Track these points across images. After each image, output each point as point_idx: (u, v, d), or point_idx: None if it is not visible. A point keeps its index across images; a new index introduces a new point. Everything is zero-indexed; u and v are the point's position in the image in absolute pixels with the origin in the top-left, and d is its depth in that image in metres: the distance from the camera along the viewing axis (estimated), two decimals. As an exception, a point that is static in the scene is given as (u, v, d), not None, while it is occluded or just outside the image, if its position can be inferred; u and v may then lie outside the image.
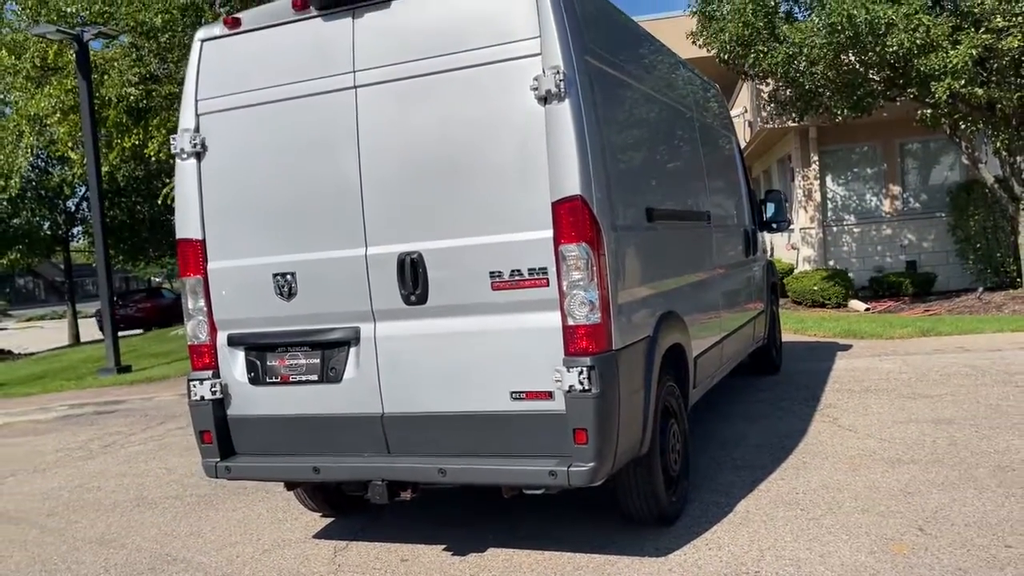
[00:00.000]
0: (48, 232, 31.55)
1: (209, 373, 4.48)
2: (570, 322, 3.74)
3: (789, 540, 4.28)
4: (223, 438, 4.48)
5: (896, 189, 16.27)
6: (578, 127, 3.70)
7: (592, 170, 3.73)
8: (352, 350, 4.20)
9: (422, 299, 4.01)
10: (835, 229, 16.47)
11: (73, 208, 32.85)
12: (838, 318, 12.70)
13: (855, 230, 16.36)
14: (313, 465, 4.23)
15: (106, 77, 17.85)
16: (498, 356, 3.90)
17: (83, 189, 32.10)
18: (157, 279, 58.90)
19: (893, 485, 4.95)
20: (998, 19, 10.56)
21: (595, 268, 3.71)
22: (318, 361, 4.27)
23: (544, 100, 3.71)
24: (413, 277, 4.01)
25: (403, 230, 4.04)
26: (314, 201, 4.23)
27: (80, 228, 34.50)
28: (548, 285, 3.77)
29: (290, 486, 4.88)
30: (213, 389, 4.44)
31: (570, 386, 3.70)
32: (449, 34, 3.94)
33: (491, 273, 3.87)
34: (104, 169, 18.11)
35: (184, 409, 9.92)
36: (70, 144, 19.98)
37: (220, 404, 4.47)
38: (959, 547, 4.01)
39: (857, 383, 8.04)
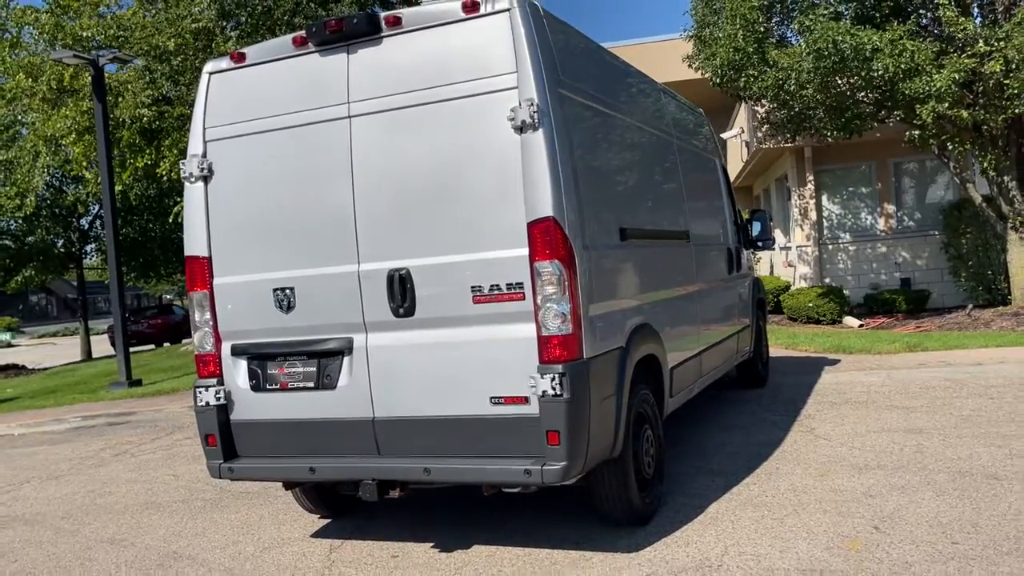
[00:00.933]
0: (62, 250, 32.12)
1: (214, 381, 4.83)
2: (544, 332, 4.08)
3: (753, 538, 4.58)
4: (226, 441, 4.83)
5: (890, 208, 16.57)
6: (551, 154, 4.06)
7: (564, 193, 4.08)
8: (346, 359, 4.54)
9: (410, 312, 4.36)
10: (831, 247, 16.76)
11: (87, 226, 33.44)
12: (830, 334, 12.98)
13: (850, 248, 16.65)
14: (309, 466, 4.56)
15: (120, 99, 18.37)
16: (479, 364, 4.24)
17: (96, 207, 32.69)
18: (168, 296, 59.54)
19: (856, 489, 5.25)
20: (980, 44, 10.90)
21: (567, 283, 4.05)
22: (314, 369, 4.62)
23: (520, 130, 4.07)
24: (401, 291, 4.36)
25: (392, 248, 4.39)
26: (311, 221, 4.59)
27: (93, 246, 35.08)
28: (524, 299, 4.11)
29: (288, 486, 5.21)
30: (218, 395, 4.79)
31: (543, 391, 4.03)
32: (435, 68, 4.31)
33: (472, 288, 4.22)
34: (117, 188, 18.59)
35: (192, 420, 10.30)
36: (85, 164, 20.52)
37: (224, 409, 4.82)
38: (909, 543, 4.30)
39: (839, 395, 8.33)
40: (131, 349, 16.26)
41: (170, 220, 20.93)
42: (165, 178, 19.44)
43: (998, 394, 7.80)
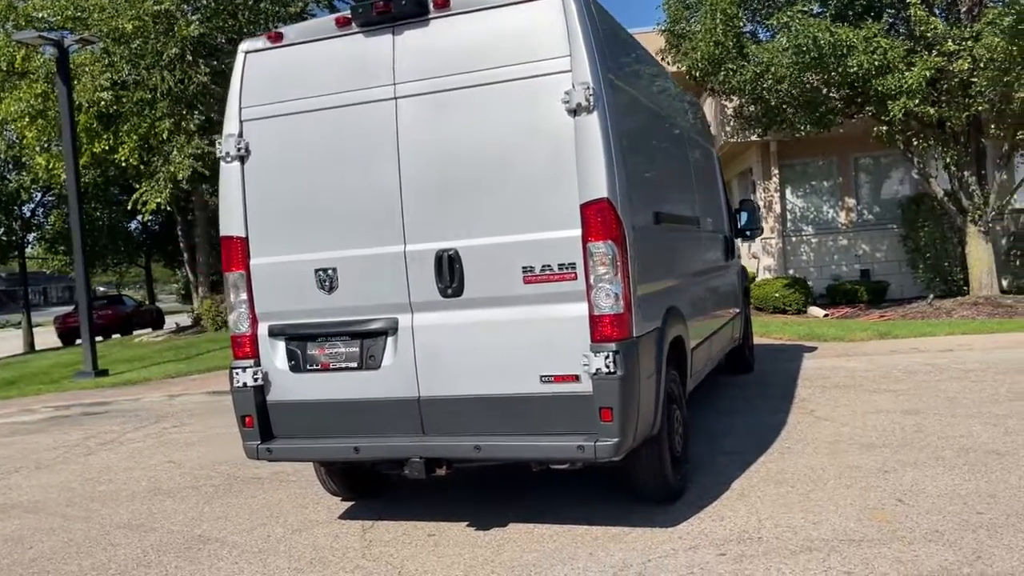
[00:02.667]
0: (3, 238, 31.10)
1: (251, 362, 4.81)
2: (596, 312, 4.17)
3: (783, 511, 4.75)
4: (263, 423, 4.81)
5: (851, 202, 17.08)
6: (604, 137, 4.15)
7: (616, 176, 4.18)
8: (390, 339, 4.57)
9: (458, 292, 4.41)
10: (794, 239, 17.21)
11: (28, 214, 32.42)
12: (800, 323, 13.36)
13: (813, 240, 17.13)
14: (353, 445, 4.58)
15: (77, 83, 17.86)
16: (529, 343, 4.31)
17: (39, 195, 31.70)
18: (101, 288, 57.45)
19: (870, 465, 5.47)
20: (949, 43, 11.32)
21: (619, 263, 4.14)
22: (357, 350, 4.63)
23: (574, 112, 4.14)
24: (450, 272, 4.40)
25: (440, 229, 4.43)
26: (355, 202, 4.60)
27: (35, 235, 34.04)
28: (576, 279, 4.20)
29: (325, 467, 5.24)
30: (255, 376, 4.77)
31: (597, 369, 4.13)
32: (483, 50, 4.35)
33: (523, 268, 4.29)
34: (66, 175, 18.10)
35: (175, 410, 10.18)
36: (37, 148, 19.91)
37: (260, 391, 4.80)
38: (935, 514, 4.52)
39: (826, 380, 8.62)
40: (77, 340, 15.86)
41: (129, 207, 20.41)
42: (124, 164, 18.99)
43: (977, 377, 8.16)
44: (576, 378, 4.23)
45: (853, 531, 4.37)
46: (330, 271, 4.64)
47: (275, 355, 4.80)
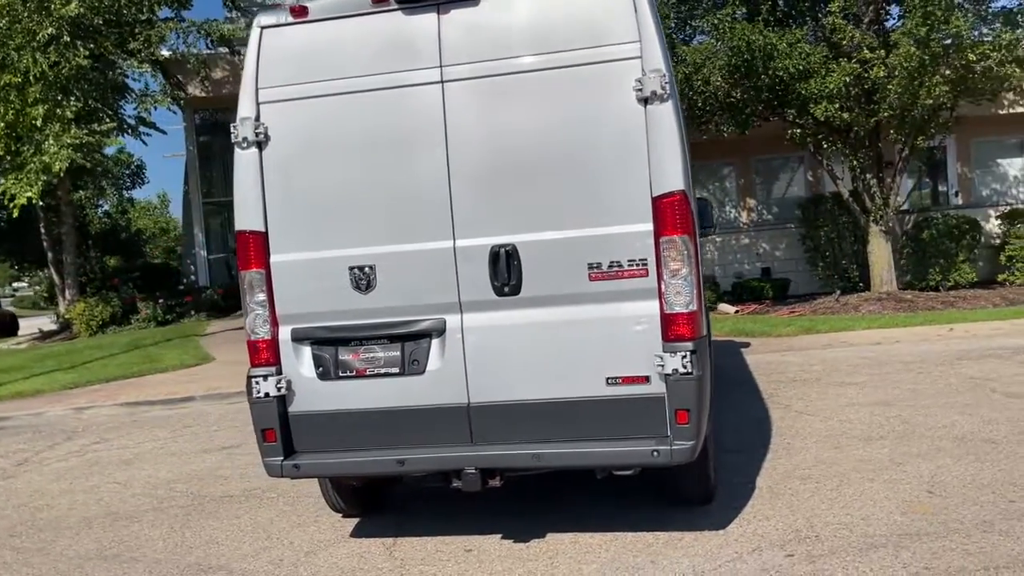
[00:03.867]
0: None
1: (272, 369, 4.34)
2: (669, 310, 3.99)
3: (823, 508, 4.73)
4: (286, 436, 4.36)
5: (752, 202, 17.72)
6: (678, 126, 3.98)
7: (687, 168, 4.02)
8: (435, 341, 4.24)
9: (515, 290, 4.12)
10: (700, 238, 17.63)
11: None
12: (720, 319, 13.68)
13: (717, 239, 17.65)
14: (397, 458, 4.21)
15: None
16: (594, 344, 4.08)
17: None
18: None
19: (879, 458, 5.56)
20: (865, 51, 11.88)
21: (692, 259, 3.99)
22: (398, 354, 4.27)
23: (646, 101, 3.95)
24: (507, 269, 4.11)
25: (495, 223, 4.13)
26: (395, 193, 4.23)
27: None
28: (647, 275, 4.01)
29: (332, 482, 4.84)
30: (279, 385, 4.31)
31: (673, 369, 3.95)
32: (541, 34, 4.09)
33: (589, 264, 4.05)
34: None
35: (87, 424, 9.27)
36: None
37: (283, 401, 4.35)
38: (971, 504, 4.61)
39: (780, 375, 8.81)
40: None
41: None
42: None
43: (922, 369, 8.54)
44: (646, 379, 4.04)
45: (906, 525, 4.40)
46: (367, 269, 4.25)
47: (300, 361, 4.36)
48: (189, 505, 5.89)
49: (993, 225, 16.82)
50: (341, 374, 4.31)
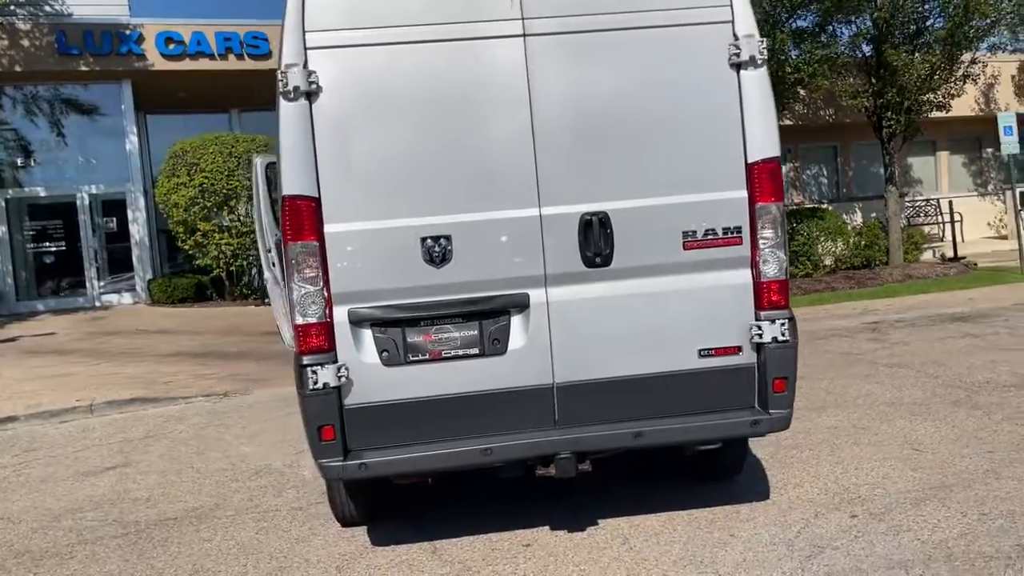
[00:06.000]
0: None
1: (328, 356, 3.75)
2: (763, 278, 3.96)
3: (840, 472, 4.96)
4: (343, 432, 3.79)
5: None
6: (772, 92, 3.97)
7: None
8: (515, 318, 3.89)
9: (607, 261, 3.89)
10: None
11: None
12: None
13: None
14: (482, 447, 3.80)
15: None
16: (687, 315, 3.95)
17: None
18: None
19: (844, 425, 5.94)
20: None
21: (783, 227, 3.99)
22: (476, 333, 3.86)
23: (741, 67, 3.90)
24: (599, 238, 3.86)
25: (585, 189, 3.87)
26: (471, 156, 3.83)
27: None
28: (742, 243, 3.95)
29: (348, 487, 4.31)
30: (339, 374, 3.73)
31: (773, 337, 3.93)
32: None
33: (684, 233, 3.92)
34: None
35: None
36: None
37: (339, 392, 3.78)
38: (961, 458, 5.06)
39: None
40: None
41: None
42: None
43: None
44: (738, 350, 3.98)
45: (928, 480, 4.72)
46: (442, 240, 3.80)
47: (359, 346, 3.80)
48: (125, 534, 4.92)
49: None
50: (412, 358, 3.82)
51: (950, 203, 19.31)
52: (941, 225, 20.12)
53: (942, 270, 15.69)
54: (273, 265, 8.30)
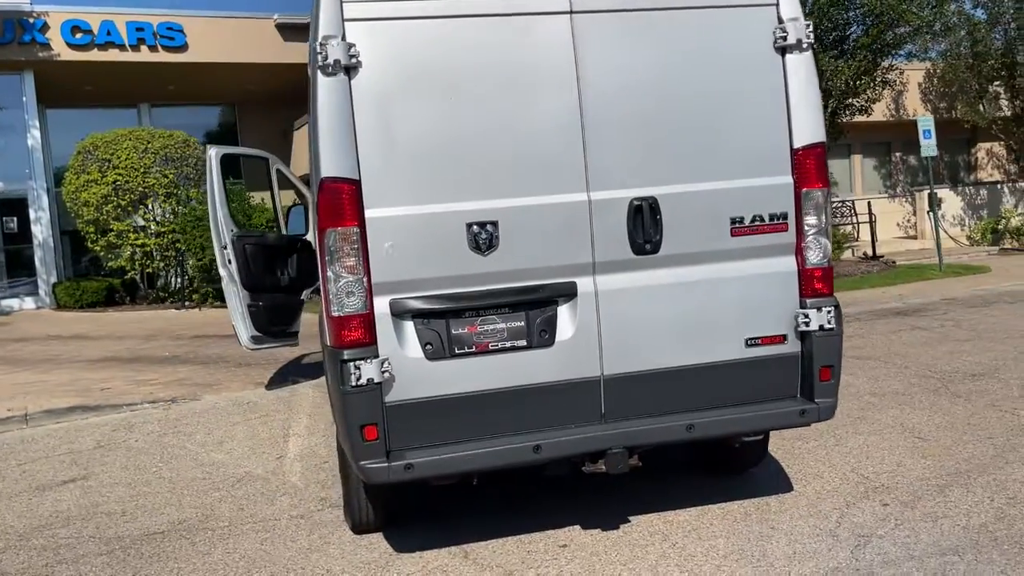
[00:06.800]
0: None
1: (370, 350, 3.49)
2: (808, 265, 3.91)
3: (854, 461, 4.97)
4: (385, 432, 3.53)
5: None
6: (817, 77, 3.93)
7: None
8: (563, 308, 3.71)
9: (656, 248, 3.75)
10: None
11: None
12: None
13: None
14: (532, 444, 3.60)
15: None
16: (734, 303, 3.86)
17: None
18: None
19: (840, 414, 5.95)
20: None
21: (827, 213, 3.95)
22: (523, 323, 3.66)
23: (786, 50, 3.83)
24: (649, 224, 3.73)
25: (634, 173, 3.74)
26: (517, 138, 3.63)
27: None
28: (787, 230, 3.89)
29: (369, 491, 4.06)
30: (383, 369, 3.47)
31: (820, 325, 3.88)
32: None
33: (732, 219, 3.83)
34: None
35: None
36: None
37: (381, 389, 3.52)
38: (965, 444, 5.16)
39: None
40: None
41: None
42: None
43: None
44: (783, 339, 3.92)
45: (942, 467, 4.78)
46: (489, 226, 3.59)
47: (402, 339, 3.55)
48: (110, 551, 4.50)
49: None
50: (457, 351, 3.60)
51: (868, 204, 20.10)
52: (856, 225, 20.92)
53: (865, 268, 16.27)
54: (229, 262, 7.89)
